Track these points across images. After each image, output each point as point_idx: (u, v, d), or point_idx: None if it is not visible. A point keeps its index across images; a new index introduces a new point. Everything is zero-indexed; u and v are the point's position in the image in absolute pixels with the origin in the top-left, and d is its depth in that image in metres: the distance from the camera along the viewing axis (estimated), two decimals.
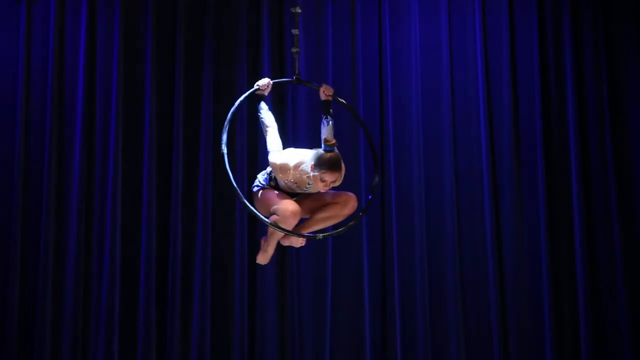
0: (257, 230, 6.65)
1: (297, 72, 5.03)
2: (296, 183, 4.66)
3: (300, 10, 5.07)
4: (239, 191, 4.55)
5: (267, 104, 4.82)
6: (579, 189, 6.79)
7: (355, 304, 6.67)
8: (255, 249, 6.62)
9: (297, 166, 4.61)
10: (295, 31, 5.06)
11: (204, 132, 6.67)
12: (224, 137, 4.63)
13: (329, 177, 4.55)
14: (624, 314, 6.65)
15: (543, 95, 6.92)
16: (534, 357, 6.68)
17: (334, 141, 4.57)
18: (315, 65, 6.76)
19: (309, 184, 4.65)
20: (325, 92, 4.89)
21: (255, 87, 4.81)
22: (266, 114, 4.74)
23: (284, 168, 4.62)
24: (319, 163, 4.54)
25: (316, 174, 4.55)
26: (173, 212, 6.56)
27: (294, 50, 5.03)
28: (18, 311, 6.36)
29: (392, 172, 6.78)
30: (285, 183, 4.67)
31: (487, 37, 6.98)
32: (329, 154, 4.55)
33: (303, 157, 4.61)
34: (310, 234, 4.68)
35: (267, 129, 4.72)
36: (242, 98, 4.81)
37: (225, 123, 4.68)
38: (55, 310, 6.39)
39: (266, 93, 4.83)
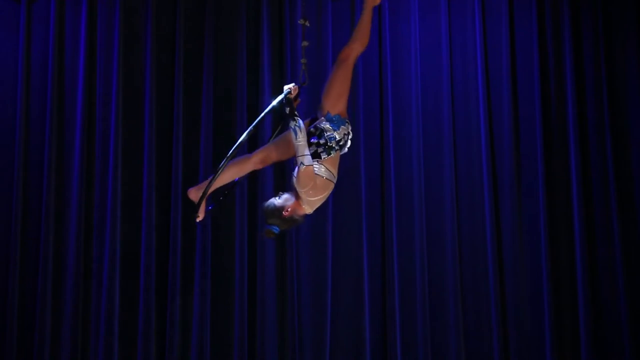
0: (257, 230, 6.66)
1: (304, 82, 5.02)
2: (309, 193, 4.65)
3: (308, 24, 5.07)
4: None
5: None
6: (579, 189, 6.79)
7: (355, 304, 6.67)
8: (255, 249, 6.67)
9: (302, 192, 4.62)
10: (305, 43, 5.06)
11: (204, 132, 6.68)
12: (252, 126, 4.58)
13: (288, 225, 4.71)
14: (624, 315, 6.65)
15: (543, 95, 6.92)
16: (534, 357, 6.67)
17: None
18: (315, 65, 6.76)
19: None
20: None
21: (287, 90, 4.63)
22: (301, 123, 4.59)
23: (303, 184, 4.59)
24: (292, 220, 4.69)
25: (294, 216, 4.66)
26: (173, 212, 6.56)
27: (303, 61, 5.03)
28: (18, 311, 6.36)
29: (392, 171, 6.78)
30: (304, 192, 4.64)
31: (487, 36, 6.98)
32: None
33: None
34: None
35: (303, 138, 4.55)
36: (274, 103, 4.62)
37: (257, 120, 4.60)
38: (55, 310, 6.38)
39: (293, 97, 4.71)
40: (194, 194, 4.77)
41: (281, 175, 6.72)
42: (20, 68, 6.58)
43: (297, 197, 4.63)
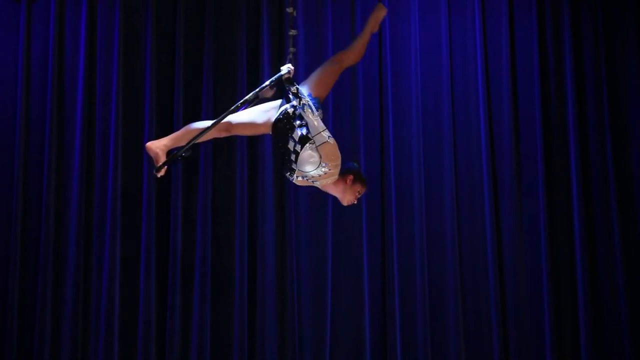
0: (257, 229, 6.66)
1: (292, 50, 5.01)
2: (319, 176, 4.59)
3: (295, 13, 5.06)
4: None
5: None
6: (579, 189, 6.79)
7: (355, 304, 6.67)
8: (255, 249, 6.67)
9: (337, 165, 4.59)
10: (292, 32, 5.03)
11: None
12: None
13: (362, 191, 4.74)
14: (624, 315, 6.65)
15: (543, 95, 6.92)
16: (534, 357, 6.68)
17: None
18: (315, 65, 6.75)
19: (314, 181, 4.64)
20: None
21: (285, 70, 4.61)
22: (310, 100, 4.57)
23: (332, 157, 4.54)
24: (361, 179, 4.70)
25: (355, 185, 4.68)
26: (173, 212, 6.56)
27: (291, 49, 5.01)
28: (18, 311, 6.36)
29: (392, 172, 6.78)
30: (317, 167, 4.56)
31: (487, 36, 6.98)
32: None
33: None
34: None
35: (316, 114, 4.54)
36: (267, 83, 4.61)
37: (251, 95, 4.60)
38: (55, 310, 6.38)
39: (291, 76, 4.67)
40: (153, 149, 4.69)
41: (281, 175, 6.73)
42: (20, 68, 6.57)
43: (331, 176, 4.60)
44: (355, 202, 4.79)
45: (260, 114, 4.71)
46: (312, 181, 4.65)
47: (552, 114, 6.92)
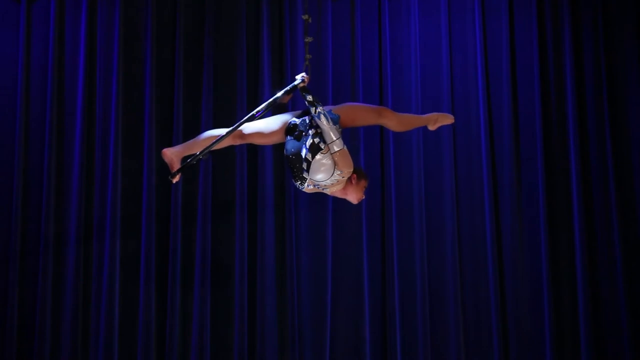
0: (257, 229, 6.66)
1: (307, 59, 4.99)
2: (332, 184, 4.64)
3: (310, 20, 5.04)
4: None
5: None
6: (579, 189, 6.79)
7: (355, 304, 6.67)
8: (255, 249, 6.67)
9: (350, 172, 4.64)
10: (308, 39, 5.00)
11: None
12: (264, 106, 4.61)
13: (367, 184, 4.80)
14: (624, 314, 6.65)
15: (543, 95, 6.92)
16: (534, 357, 6.68)
17: None
18: (316, 65, 6.76)
19: (324, 188, 4.68)
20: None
21: (300, 79, 4.61)
22: (325, 109, 4.59)
23: (347, 163, 4.59)
24: (362, 174, 4.74)
25: (361, 181, 4.73)
26: (173, 212, 6.56)
27: (307, 56, 4.98)
28: (17, 311, 6.36)
29: (392, 172, 6.78)
30: (332, 174, 4.62)
31: (487, 36, 6.98)
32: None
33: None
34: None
35: (331, 123, 4.56)
36: (281, 93, 4.64)
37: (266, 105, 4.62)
38: (55, 311, 6.39)
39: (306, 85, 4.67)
40: (168, 155, 4.75)
41: (281, 174, 6.72)
42: (20, 68, 6.58)
43: (341, 183, 4.65)
44: (364, 197, 4.85)
45: (274, 122, 4.72)
46: (322, 188, 4.66)
47: (552, 114, 6.92)
